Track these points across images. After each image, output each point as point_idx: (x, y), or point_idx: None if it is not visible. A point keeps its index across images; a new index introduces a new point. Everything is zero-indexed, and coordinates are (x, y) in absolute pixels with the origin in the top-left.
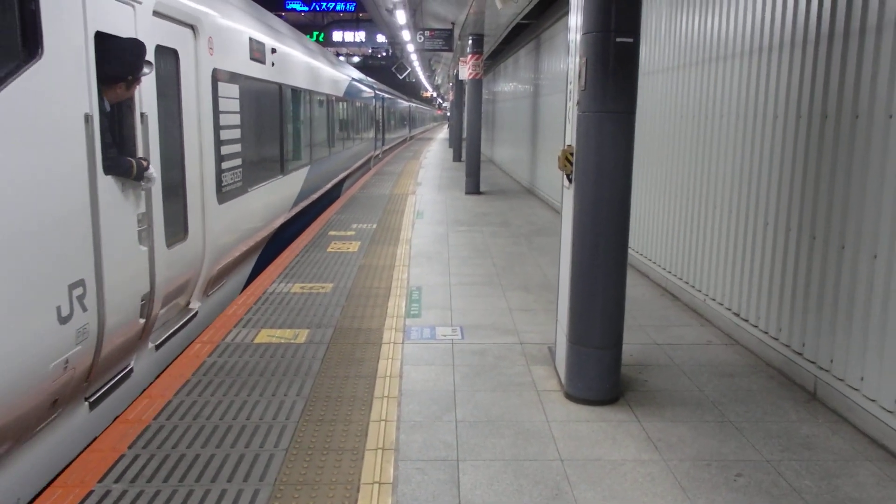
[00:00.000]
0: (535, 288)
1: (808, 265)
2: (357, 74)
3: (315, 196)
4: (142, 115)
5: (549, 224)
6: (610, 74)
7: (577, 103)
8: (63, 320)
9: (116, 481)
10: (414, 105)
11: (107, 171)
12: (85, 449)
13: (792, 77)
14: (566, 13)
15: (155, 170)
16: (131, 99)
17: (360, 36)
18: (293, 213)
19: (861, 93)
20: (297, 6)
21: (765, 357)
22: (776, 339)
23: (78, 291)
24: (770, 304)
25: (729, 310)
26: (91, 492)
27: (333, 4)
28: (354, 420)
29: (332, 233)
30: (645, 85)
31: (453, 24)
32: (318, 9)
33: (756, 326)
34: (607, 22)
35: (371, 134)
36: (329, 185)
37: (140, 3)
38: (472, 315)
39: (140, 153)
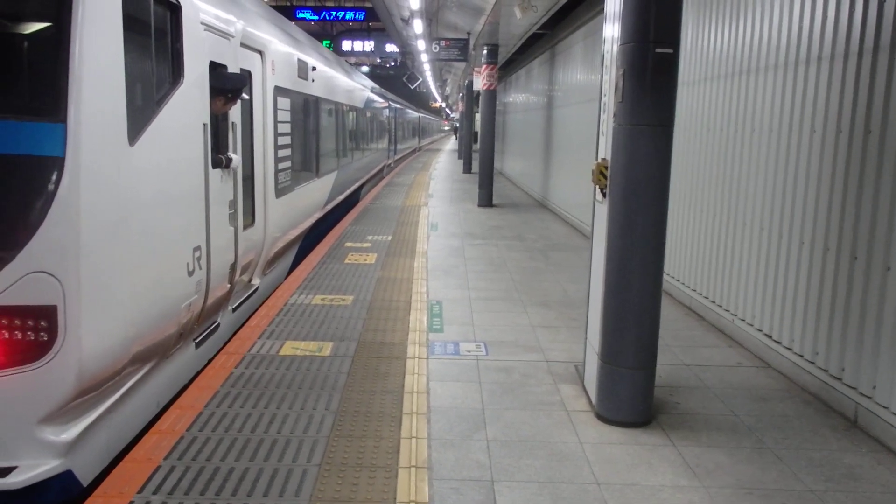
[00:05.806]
0: (555, 304)
1: (849, 287)
2: (374, 86)
3: (341, 198)
4: (232, 124)
5: (565, 239)
6: (648, 86)
7: (614, 116)
8: (189, 274)
9: (155, 492)
10: (423, 115)
11: (213, 165)
12: (122, 459)
13: (832, 90)
14: (584, 23)
15: (239, 168)
16: (226, 111)
17: (370, 45)
18: (325, 210)
19: None
20: (307, 15)
21: (799, 381)
22: (812, 363)
23: (198, 254)
24: (805, 326)
25: (760, 331)
26: (131, 502)
27: (343, 14)
28: (385, 436)
29: (348, 244)
30: None
31: (469, 33)
32: (327, 18)
33: (790, 349)
34: (646, 32)
35: (385, 144)
36: (351, 189)
37: (234, 37)
38: (494, 331)
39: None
